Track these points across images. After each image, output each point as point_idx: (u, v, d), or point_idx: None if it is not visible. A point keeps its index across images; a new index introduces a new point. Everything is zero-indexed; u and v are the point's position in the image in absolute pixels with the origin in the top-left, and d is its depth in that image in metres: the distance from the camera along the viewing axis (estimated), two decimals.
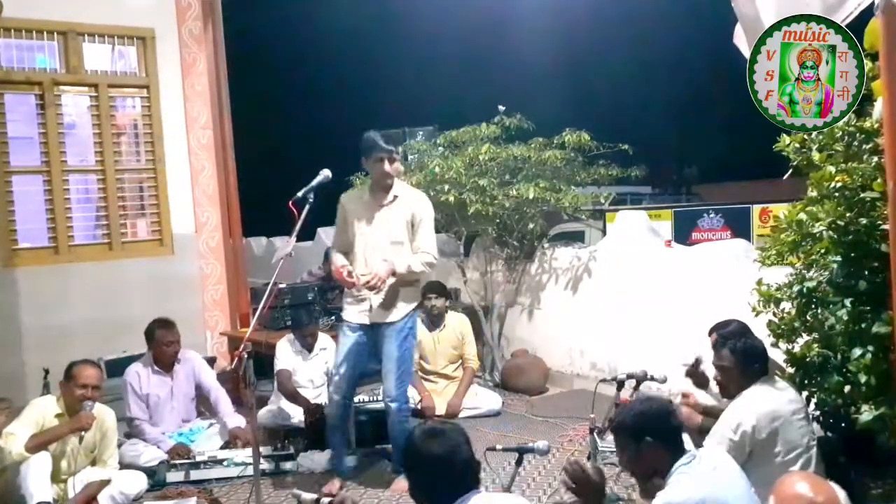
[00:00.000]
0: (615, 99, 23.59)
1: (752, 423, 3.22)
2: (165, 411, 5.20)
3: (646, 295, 6.07)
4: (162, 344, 5.14)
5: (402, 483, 4.44)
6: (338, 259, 4.53)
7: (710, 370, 3.76)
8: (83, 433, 4.15)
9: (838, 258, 3.45)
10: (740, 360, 3.42)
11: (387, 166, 4.50)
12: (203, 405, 5.50)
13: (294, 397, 5.43)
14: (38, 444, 4.05)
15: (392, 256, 4.46)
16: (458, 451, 2.38)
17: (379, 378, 6.84)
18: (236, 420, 5.19)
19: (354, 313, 4.54)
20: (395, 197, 4.57)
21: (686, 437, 3.42)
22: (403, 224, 4.55)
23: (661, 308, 5.90)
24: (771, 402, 3.29)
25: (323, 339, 5.78)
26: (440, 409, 5.82)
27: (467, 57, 23.27)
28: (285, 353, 5.63)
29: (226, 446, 5.08)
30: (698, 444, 3.32)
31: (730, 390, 3.48)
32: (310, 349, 5.67)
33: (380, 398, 5.38)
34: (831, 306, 3.46)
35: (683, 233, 10.40)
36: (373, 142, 4.50)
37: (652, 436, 2.73)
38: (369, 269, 4.39)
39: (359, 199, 4.64)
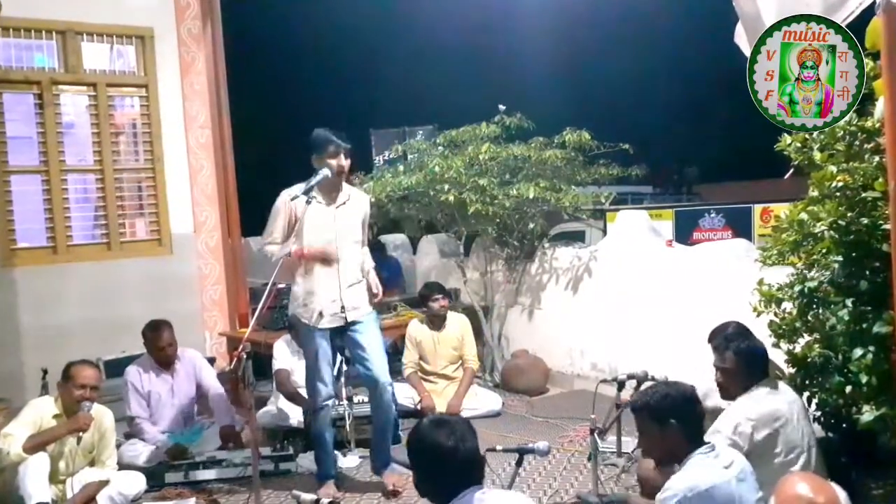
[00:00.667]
0: (616, 98, 23.58)
1: (752, 424, 3.22)
2: (166, 410, 5.19)
3: (647, 295, 6.05)
4: (154, 348, 5.14)
5: (394, 476, 4.45)
6: (283, 248, 4.32)
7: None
8: (81, 434, 4.14)
9: (839, 258, 3.44)
10: (743, 361, 3.41)
11: (343, 160, 4.41)
12: (201, 404, 5.49)
13: (294, 397, 5.42)
14: (36, 444, 4.04)
15: (355, 256, 4.50)
16: (465, 443, 2.37)
17: None
18: (229, 419, 5.17)
19: (328, 319, 4.40)
20: (350, 196, 4.54)
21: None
22: (360, 223, 4.57)
23: (662, 308, 5.89)
24: (771, 403, 3.29)
25: None
26: (440, 410, 5.80)
27: (467, 56, 23.24)
28: (283, 354, 5.61)
29: (224, 447, 5.07)
30: None
31: (731, 392, 3.47)
32: None
33: None
34: (832, 306, 3.45)
35: (684, 232, 10.38)
36: (328, 137, 4.38)
37: (676, 420, 2.74)
38: (332, 269, 4.38)
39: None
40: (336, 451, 4.99)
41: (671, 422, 2.75)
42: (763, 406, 3.27)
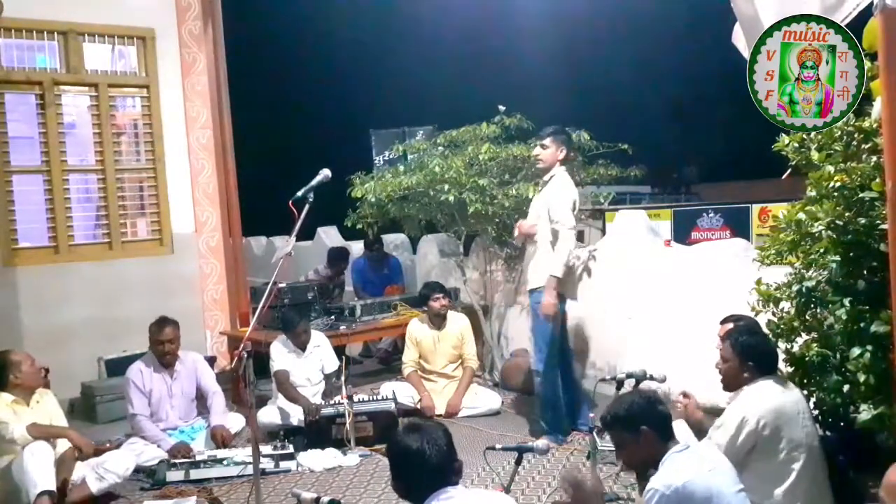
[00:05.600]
0: (615, 98, 23.62)
1: (757, 417, 3.23)
2: (165, 408, 5.20)
3: (645, 294, 6.07)
4: (154, 342, 5.16)
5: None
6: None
7: None
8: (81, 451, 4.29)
9: (837, 258, 3.45)
10: (741, 355, 3.43)
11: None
12: (199, 405, 5.50)
13: (294, 397, 5.44)
14: (40, 433, 4.12)
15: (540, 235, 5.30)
16: (433, 446, 2.43)
17: (380, 378, 6.90)
18: (221, 419, 5.19)
19: None
20: (550, 180, 5.35)
21: (685, 429, 3.46)
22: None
23: (661, 307, 5.90)
24: (776, 398, 3.30)
25: (316, 336, 5.78)
26: (440, 409, 5.83)
27: (467, 57, 23.28)
28: (280, 354, 5.63)
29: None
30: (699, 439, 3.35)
31: (730, 384, 3.49)
32: (303, 348, 5.68)
33: (379, 398, 5.42)
34: (830, 306, 3.46)
35: (683, 232, 10.40)
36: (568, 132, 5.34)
37: (647, 425, 2.78)
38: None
39: None
40: (336, 450, 5.03)
41: (643, 428, 2.79)
42: (768, 402, 3.29)
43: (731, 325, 3.95)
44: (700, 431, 3.55)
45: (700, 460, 2.73)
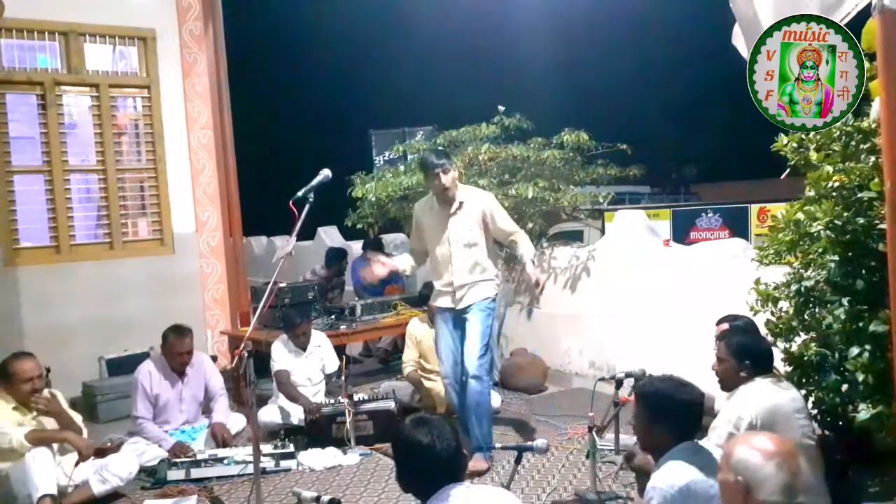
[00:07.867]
0: (614, 99, 23.61)
1: (752, 416, 3.24)
2: (174, 412, 5.18)
3: (644, 294, 6.08)
4: (173, 352, 5.12)
5: (479, 462, 4.57)
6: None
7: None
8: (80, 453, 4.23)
9: (836, 257, 3.46)
10: (736, 355, 3.45)
11: (440, 180, 4.78)
12: (203, 405, 5.50)
13: (294, 396, 5.45)
14: (39, 438, 4.09)
15: (468, 255, 4.99)
16: (443, 441, 2.41)
17: (380, 377, 6.92)
18: (223, 418, 5.19)
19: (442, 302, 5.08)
20: (462, 202, 4.90)
21: None
22: (475, 225, 4.98)
23: (660, 307, 5.92)
24: (773, 397, 3.31)
25: (317, 336, 5.79)
26: (440, 408, 5.83)
27: (467, 57, 23.29)
28: (280, 354, 5.63)
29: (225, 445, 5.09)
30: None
31: (726, 384, 3.51)
32: (303, 348, 5.68)
33: (379, 398, 5.43)
34: (829, 305, 3.48)
35: (682, 232, 10.41)
36: (425, 160, 4.90)
37: (665, 421, 2.79)
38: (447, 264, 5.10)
39: None
40: (336, 449, 5.04)
41: (660, 421, 2.80)
42: (763, 401, 3.30)
43: (726, 326, 3.97)
44: (699, 431, 3.57)
45: (703, 461, 2.74)
